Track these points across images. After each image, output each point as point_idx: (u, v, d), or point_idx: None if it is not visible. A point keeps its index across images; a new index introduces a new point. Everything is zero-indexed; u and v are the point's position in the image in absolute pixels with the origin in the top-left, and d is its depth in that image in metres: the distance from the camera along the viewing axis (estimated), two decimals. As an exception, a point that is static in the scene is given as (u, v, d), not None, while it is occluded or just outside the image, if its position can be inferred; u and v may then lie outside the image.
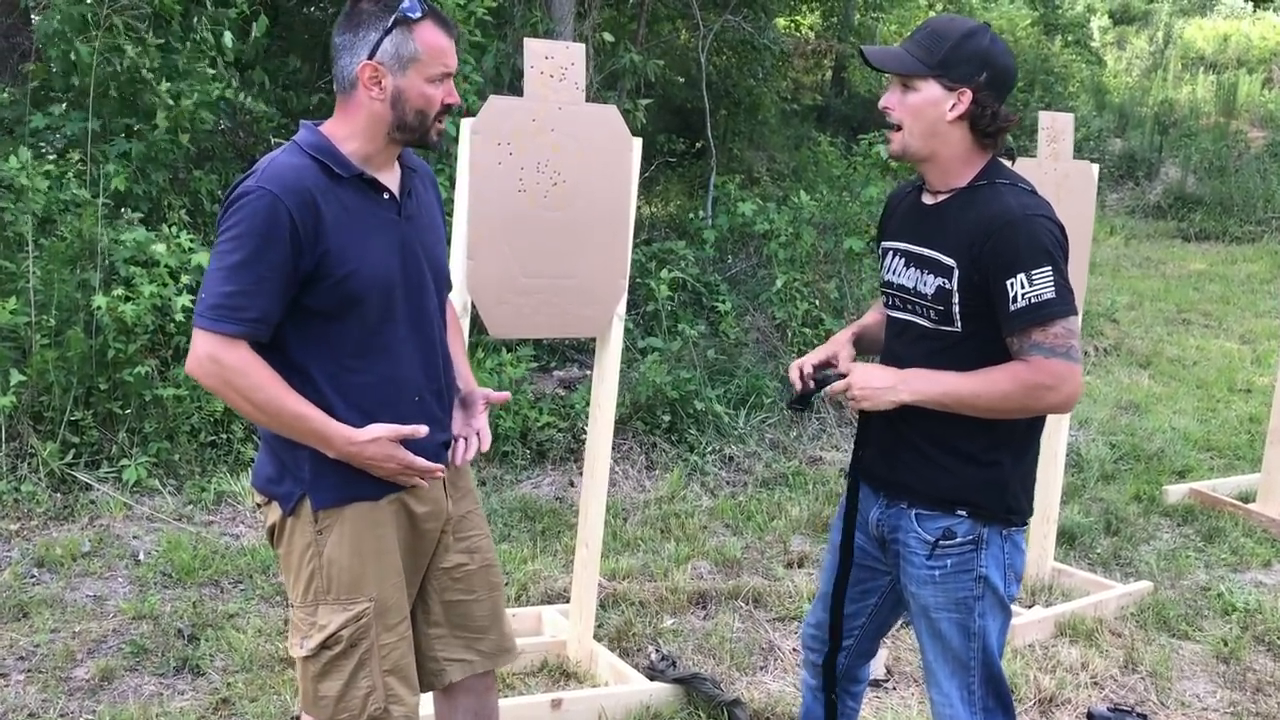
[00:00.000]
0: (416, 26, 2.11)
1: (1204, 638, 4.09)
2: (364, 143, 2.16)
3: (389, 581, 2.22)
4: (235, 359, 2.04)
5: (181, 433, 5.08)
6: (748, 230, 7.47)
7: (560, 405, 5.86)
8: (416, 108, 2.13)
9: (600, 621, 3.94)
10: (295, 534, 2.20)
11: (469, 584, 2.41)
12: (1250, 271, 12.14)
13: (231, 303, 2.02)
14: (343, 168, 2.12)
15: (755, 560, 4.67)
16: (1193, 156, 16.22)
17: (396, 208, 2.21)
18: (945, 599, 2.34)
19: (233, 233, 2.03)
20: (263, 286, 2.03)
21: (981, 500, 2.30)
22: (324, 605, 2.18)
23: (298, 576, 2.21)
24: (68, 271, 5.06)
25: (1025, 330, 2.16)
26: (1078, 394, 2.20)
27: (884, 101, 2.32)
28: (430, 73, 2.14)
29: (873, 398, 2.29)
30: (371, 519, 2.20)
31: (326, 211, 2.08)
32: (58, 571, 4.13)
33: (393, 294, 2.17)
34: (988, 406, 2.21)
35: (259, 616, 3.87)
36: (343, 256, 2.09)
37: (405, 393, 2.23)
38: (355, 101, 2.14)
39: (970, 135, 2.28)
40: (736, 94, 11.09)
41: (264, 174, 2.06)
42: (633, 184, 3.47)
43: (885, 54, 2.31)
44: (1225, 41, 22.27)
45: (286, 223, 2.02)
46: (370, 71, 2.10)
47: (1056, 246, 2.18)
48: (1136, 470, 5.90)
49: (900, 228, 2.42)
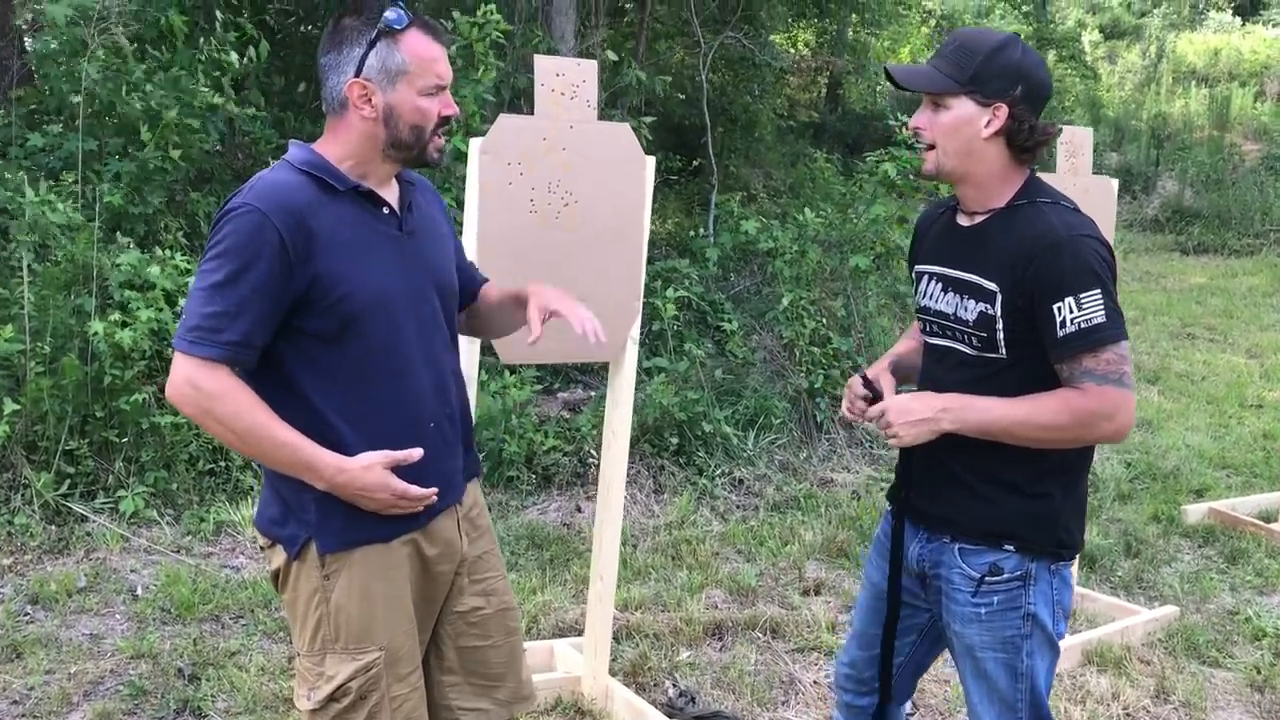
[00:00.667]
0: (402, 37, 2.00)
1: (1235, 665, 3.98)
2: (358, 162, 2.05)
3: (400, 629, 2.10)
4: (214, 384, 1.90)
5: (179, 461, 4.95)
6: (750, 248, 7.38)
7: (566, 428, 5.75)
8: (411, 123, 2.02)
9: (614, 655, 3.82)
10: (301, 579, 2.06)
11: (485, 629, 2.29)
12: (1251, 285, 12.08)
13: (210, 324, 1.90)
14: (339, 181, 2.01)
15: (770, 588, 4.54)
16: (1189, 170, 16.21)
17: (397, 222, 2.10)
18: (991, 638, 2.23)
19: (216, 250, 1.92)
20: (245, 308, 1.90)
21: (1030, 533, 2.19)
22: (332, 654, 2.05)
23: (304, 624, 2.07)
24: (62, 297, 4.94)
25: (1075, 356, 2.05)
26: (1131, 423, 2.08)
27: (915, 121, 2.22)
28: (422, 84, 2.02)
29: (912, 432, 2.17)
30: (382, 563, 2.07)
31: (319, 229, 1.96)
32: (52, 609, 3.99)
33: (396, 314, 2.05)
34: (1036, 436, 2.10)
35: (262, 654, 3.74)
36: (338, 276, 1.97)
37: (419, 418, 2.10)
38: (346, 123, 2.03)
39: (1007, 151, 2.17)
40: (733, 111, 11.04)
41: (251, 191, 1.95)
42: (646, 204, 3.36)
43: (913, 72, 2.20)
44: (1216, 55, 22.32)
45: (274, 241, 1.90)
46: (359, 90, 1.99)
47: (1104, 267, 2.07)
48: (1153, 489, 5.79)
49: (935, 251, 2.31)
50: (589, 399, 6.17)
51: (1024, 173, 2.21)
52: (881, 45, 17.97)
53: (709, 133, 8.71)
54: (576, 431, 5.68)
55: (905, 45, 19.90)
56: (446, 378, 2.18)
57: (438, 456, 2.13)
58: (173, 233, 5.55)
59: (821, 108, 17.09)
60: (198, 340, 1.90)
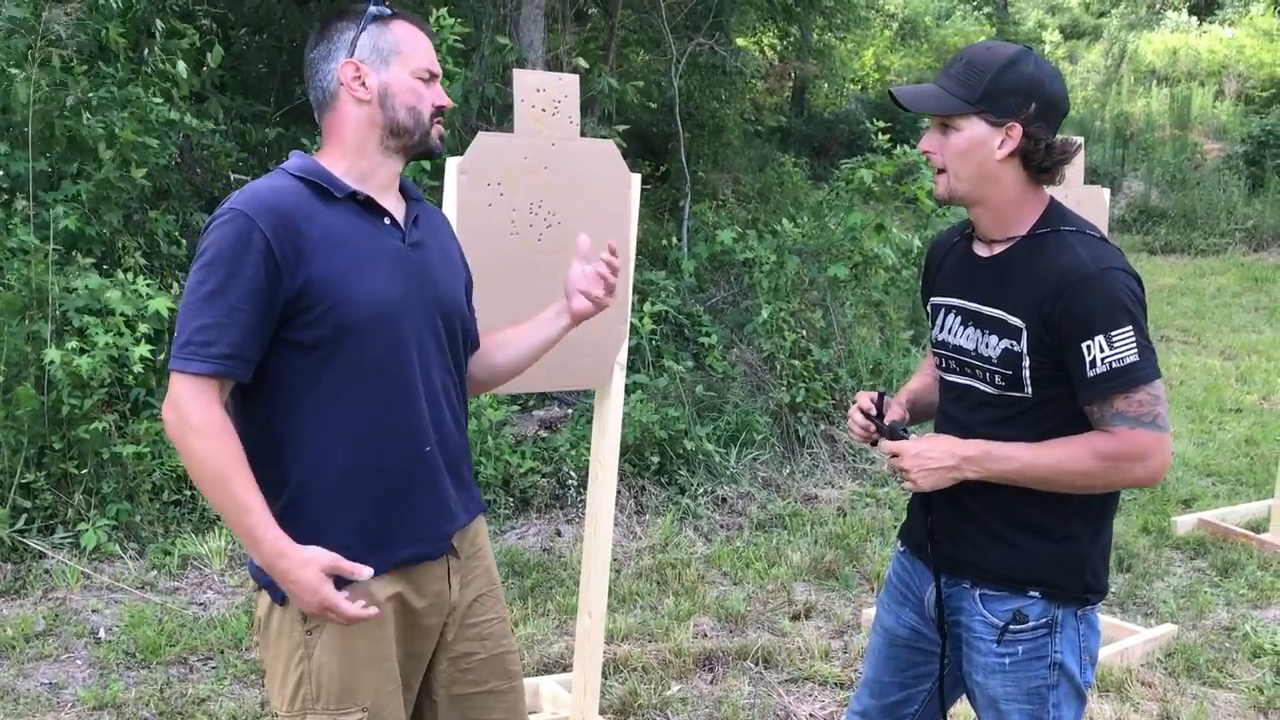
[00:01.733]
0: (391, 22, 1.98)
1: (1237, 685, 3.89)
2: (358, 160, 1.96)
3: (384, 689, 1.96)
4: (201, 417, 1.78)
5: (143, 492, 4.75)
6: (726, 258, 7.26)
7: (543, 449, 5.59)
8: (407, 104, 1.95)
9: (602, 690, 3.67)
10: (283, 632, 1.93)
11: (479, 674, 2.15)
12: (1220, 285, 12.13)
13: (200, 339, 1.79)
14: (335, 187, 1.92)
15: (759, 613, 4.41)
16: (1154, 170, 16.30)
17: (400, 234, 1.98)
18: (1016, 689, 2.10)
19: (201, 261, 1.83)
20: (235, 318, 1.79)
21: (1057, 579, 2.06)
22: (313, 715, 1.93)
23: (284, 682, 1.94)
24: (16, 323, 4.72)
25: (1106, 398, 1.92)
26: (1166, 465, 1.96)
27: (924, 145, 2.08)
28: (414, 66, 1.97)
29: (930, 479, 2.03)
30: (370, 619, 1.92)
31: (311, 233, 1.85)
32: (9, 656, 3.79)
33: (396, 328, 1.92)
34: (1068, 483, 1.97)
35: (232, 699, 3.56)
36: (330, 282, 1.85)
37: (415, 441, 1.97)
38: (339, 115, 1.96)
39: (1024, 173, 2.04)
40: (700, 116, 10.93)
41: (239, 197, 1.86)
42: (632, 223, 3.22)
43: (919, 94, 2.07)
44: (1175, 55, 22.53)
45: (261, 246, 1.80)
46: (351, 70, 1.94)
47: (1136, 303, 1.95)
48: (1141, 500, 5.72)
49: (953, 282, 2.18)
50: (566, 416, 6.02)
51: (1043, 196, 2.09)
52: (845, 49, 17.94)
53: (680, 140, 8.57)
54: (554, 452, 5.53)
55: (869, 49, 19.91)
56: (446, 403, 2.05)
57: (432, 484, 2.01)
58: (131, 253, 5.34)
59: (788, 111, 17.03)
60: (189, 357, 1.79)
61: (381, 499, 1.94)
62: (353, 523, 1.92)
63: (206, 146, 6.04)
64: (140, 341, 4.78)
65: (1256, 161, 15.79)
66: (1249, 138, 16.49)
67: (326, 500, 1.91)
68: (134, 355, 4.71)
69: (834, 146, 16.20)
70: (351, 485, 1.92)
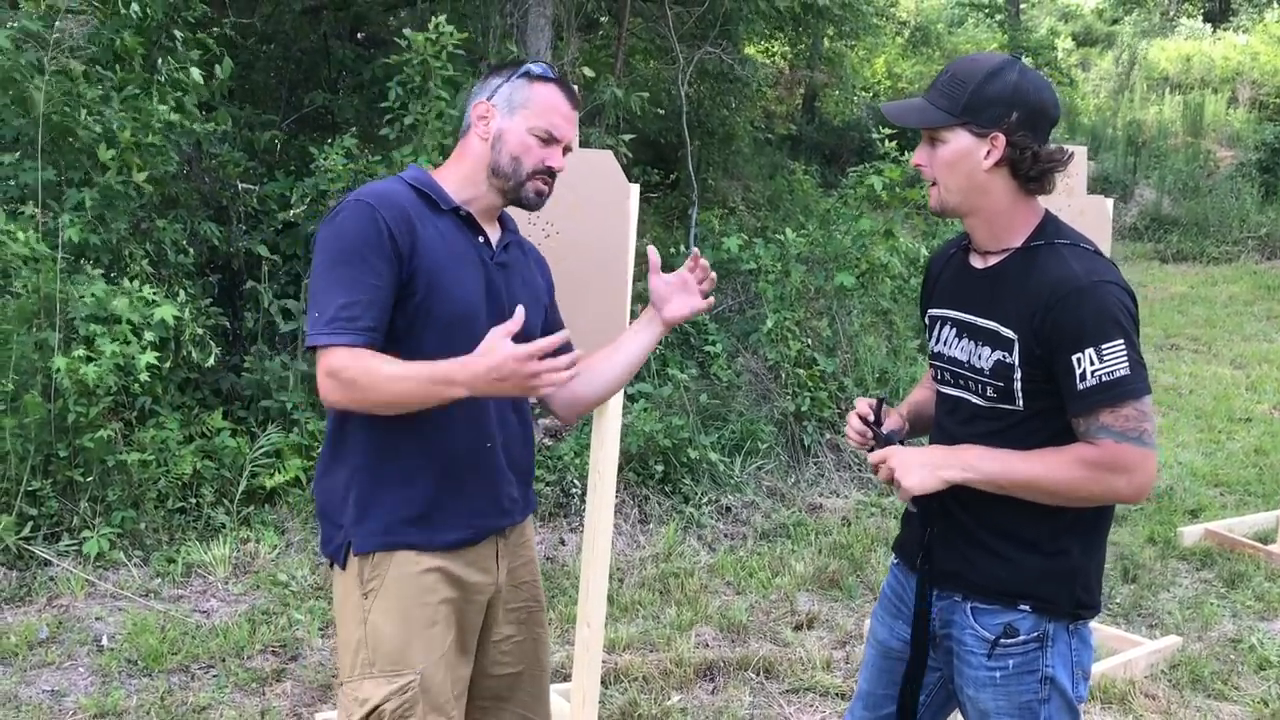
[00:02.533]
0: (537, 82, 2.17)
1: (1242, 698, 3.87)
2: (465, 185, 2.17)
3: (434, 656, 2.07)
4: (351, 361, 1.94)
5: (148, 499, 4.77)
6: (732, 266, 7.26)
7: (548, 457, 5.60)
8: (513, 153, 2.13)
9: (602, 700, 3.67)
10: (347, 596, 2.09)
11: (514, 656, 2.30)
12: (1231, 293, 12.07)
13: (346, 315, 1.96)
14: (442, 200, 2.13)
15: (762, 623, 4.40)
16: (1166, 177, 16.23)
17: (491, 253, 2.18)
18: (1007, 703, 2.09)
19: (335, 246, 2.00)
20: (374, 295, 1.98)
21: (1047, 593, 2.05)
22: (369, 678, 2.06)
23: (347, 648, 2.10)
24: (24, 331, 4.74)
25: (1093, 411, 1.92)
26: (1150, 483, 1.95)
27: (916, 159, 2.11)
28: (535, 124, 2.14)
29: (917, 478, 2.02)
30: (419, 586, 2.07)
31: (422, 231, 2.05)
32: (11, 663, 3.80)
33: (474, 329, 2.02)
34: (1050, 492, 1.96)
35: (233, 708, 3.57)
36: (429, 276, 2.04)
37: (479, 435, 2.13)
38: (466, 143, 2.18)
39: (1013, 182, 2.04)
40: (710, 124, 10.94)
41: (360, 191, 2.07)
42: (631, 234, 3.23)
43: (904, 108, 2.09)
44: (1188, 62, 22.42)
45: (385, 231, 2.00)
46: (482, 110, 2.16)
47: (1128, 317, 1.94)
48: (1148, 510, 5.69)
49: (949, 294, 2.18)
50: (570, 426, 6.02)
51: (1036, 207, 2.09)
52: (857, 57, 17.92)
53: (688, 148, 8.58)
54: (559, 460, 5.53)
55: (880, 56, 19.89)
56: (512, 407, 2.21)
57: (490, 478, 2.16)
58: (138, 261, 5.36)
59: (798, 119, 17.03)
60: (338, 330, 1.95)
61: (439, 486, 2.09)
62: (408, 501, 2.07)
63: (215, 155, 6.05)
64: (146, 350, 4.80)
65: (1270, 169, 15.71)
66: (1262, 145, 16.41)
67: (388, 477, 2.07)
68: (140, 363, 4.73)
69: (845, 154, 16.18)
70: (414, 468, 2.07)
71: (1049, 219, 2.09)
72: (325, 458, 2.14)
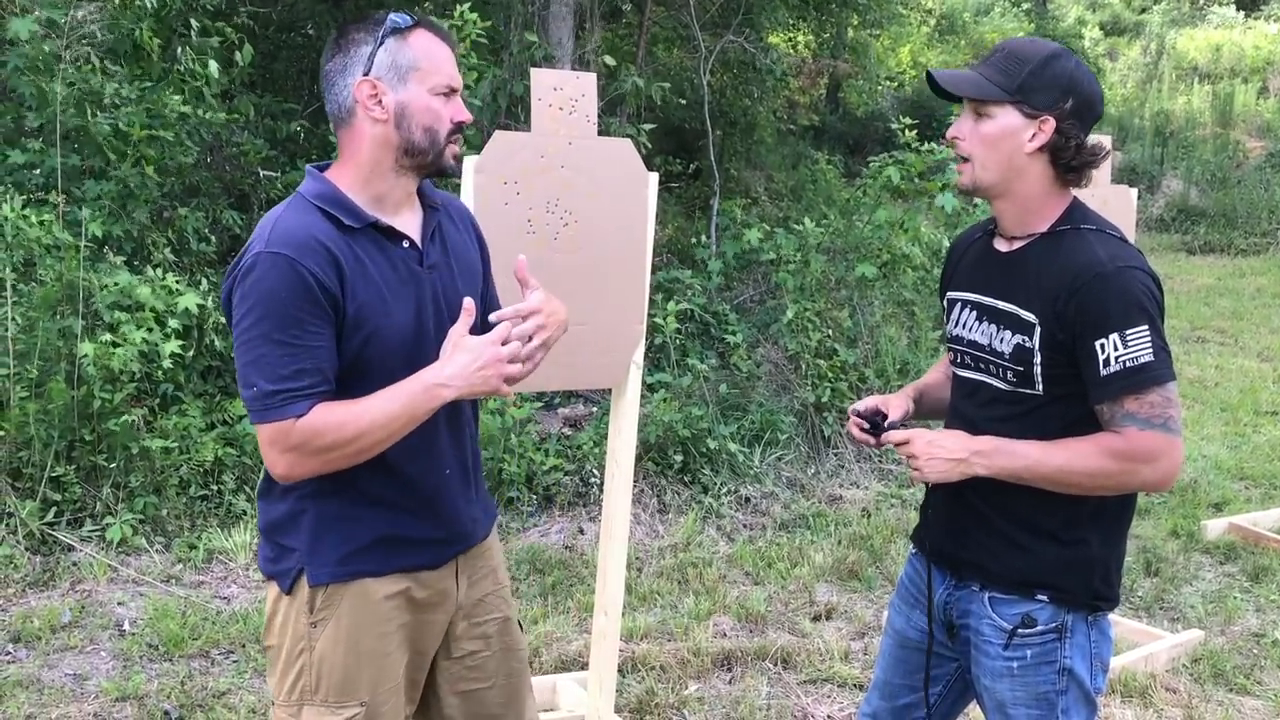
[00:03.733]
0: (410, 36, 1.92)
1: (1264, 692, 3.83)
2: (372, 180, 1.93)
3: (383, 687, 1.98)
4: (318, 424, 1.81)
5: (170, 486, 4.80)
6: (753, 257, 7.23)
7: (567, 446, 5.60)
8: (424, 124, 1.91)
9: (619, 689, 3.67)
10: (289, 622, 1.96)
11: (484, 671, 2.17)
12: (1259, 285, 11.94)
13: (294, 384, 1.80)
14: (354, 217, 1.90)
15: (780, 613, 4.39)
16: (1194, 168, 16.05)
17: (419, 256, 1.97)
18: (1024, 694, 2.08)
19: (260, 310, 1.81)
20: (318, 355, 1.82)
21: (1065, 583, 2.04)
22: (310, 706, 1.95)
23: (285, 671, 1.97)
24: (49, 319, 4.78)
25: (1118, 398, 1.90)
26: (1176, 470, 1.93)
27: (953, 131, 2.06)
28: (433, 83, 1.92)
29: (939, 470, 2.02)
30: (372, 617, 1.96)
31: (346, 268, 1.86)
32: (35, 647, 3.84)
33: (417, 358, 1.91)
34: (1075, 483, 1.95)
35: (251, 693, 3.59)
36: (360, 319, 1.87)
37: (434, 466, 2.00)
38: (355, 132, 1.92)
39: (1051, 170, 2.02)
40: (732, 114, 10.89)
41: (270, 237, 1.84)
42: (649, 222, 3.22)
43: (958, 78, 2.04)
44: (1218, 51, 22.16)
45: (312, 284, 1.81)
46: (368, 89, 1.89)
47: (1153, 303, 1.92)
48: (1171, 504, 5.64)
49: (970, 277, 2.16)
50: (590, 415, 6.02)
51: (1067, 196, 2.06)
52: (882, 46, 17.81)
53: (710, 138, 8.55)
54: (578, 450, 5.53)
55: (905, 45, 19.77)
56: (464, 421, 2.08)
57: (453, 502, 2.05)
58: (161, 249, 5.40)
59: (822, 109, 16.95)
60: (285, 403, 1.80)
61: (398, 514, 1.97)
62: (366, 530, 1.96)
63: (236, 144, 6.09)
64: (170, 337, 4.84)
65: (1300, 160, 15.52)
66: (1293, 136, 16.22)
67: (343, 508, 1.94)
68: (164, 350, 4.76)
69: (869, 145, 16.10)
70: (371, 498, 1.95)
71: (1076, 205, 2.07)
72: (267, 485, 1.99)
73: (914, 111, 11.55)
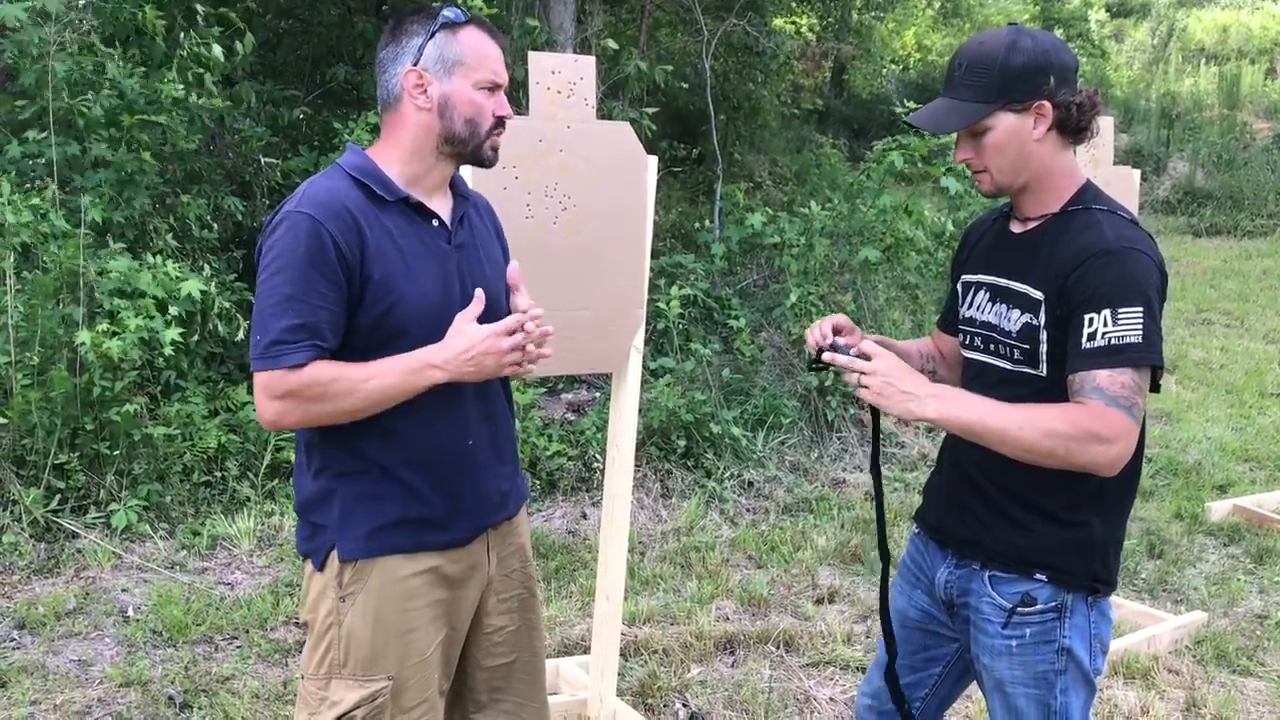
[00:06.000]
0: (461, 31, 2.00)
1: (1267, 673, 3.83)
2: (411, 162, 2.02)
3: (410, 661, 2.03)
4: (310, 377, 1.87)
5: (173, 473, 4.81)
6: (757, 241, 7.22)
7: (570, 431, 5.60)
8: (465, 116, 1.99)
9: (621, 672, 3.68)
10: (321, 598, 2.02)
11: (508, 647, 2.24)
12: (1266, 267, 11.90)
13: (289, 337, 1.86)
14: (387, 190, 1.98)
15: (783, 597, 4.40)
16: (1200, 150, 15.99)
17: (447, 235, 2.05)
18: (1023, 673, 2.08)
19: (277, 264, 1.88)
20: (319, 315, 1.87)
21: (1064, 564, 2.03)
22: (338, 679, 2.00)
23: (314, 645, 2.03)
24: (50, 306, 4.79)
25: (1090, 370, 1.87)
26: (1127, 456, 1.89)
27: (960, 155, 2.06)
28: (478, 78, 2.00)
29: (888, 397, 1.93)
30: (402, 591, 2.00)
31: (370, 237, 1.92)
32: (39, 633, 3.85)
33: (442, 329, 1.96)
34: (1024, 447, 1.88)
35: (255, 678, 3.61)
36: (386, 286, 1.93)
37: (461, 435, 2.05)
38: (400, 116, 2.01)
39: (1060, 139, 2.01)
40: (736, 98, 10.86)
41: (301, 198, 1.92)
42: (649, 206, 3.21)
43: (936, 116, 2.02)
44: (1225, 32, 22.06)
45: (330, 246, 1.87)
46: (415, 78, 1.98)
47: (1153, 287, 1.91)
48: (1175, 486, 5.63)
49: (985, 260, 2.17)
50: (594, 400, 6.02)
51: (1077, 174, 2.06)
52: (886, 29, 17.74)
53: (713, 122, 8.52)
54: (581, 435, 5.54)
55: (910, 28, 19.69)
56: (492, 397, 2.12)
57: (478, 475, 2.08)
58: (162, 236, 5.39)
59: (826, 93, 16.89)
60: (281, 353, 1.86)
61: (425, 490, 2.01)
62: (395, 506, 1.99)
63: (238, 130, 6.08)
64: (171, 324, 4.84)
65: (1308, 141, 15.45)
66: (1301, 116, 16.14)
67: (372, 484, 1.99)
68: (165, 338, 4.76)
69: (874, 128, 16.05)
70: (396, 476, 1.99)
71: (1089, 186, 2.06)
72: (301, 466, 2.06)
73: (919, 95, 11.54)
